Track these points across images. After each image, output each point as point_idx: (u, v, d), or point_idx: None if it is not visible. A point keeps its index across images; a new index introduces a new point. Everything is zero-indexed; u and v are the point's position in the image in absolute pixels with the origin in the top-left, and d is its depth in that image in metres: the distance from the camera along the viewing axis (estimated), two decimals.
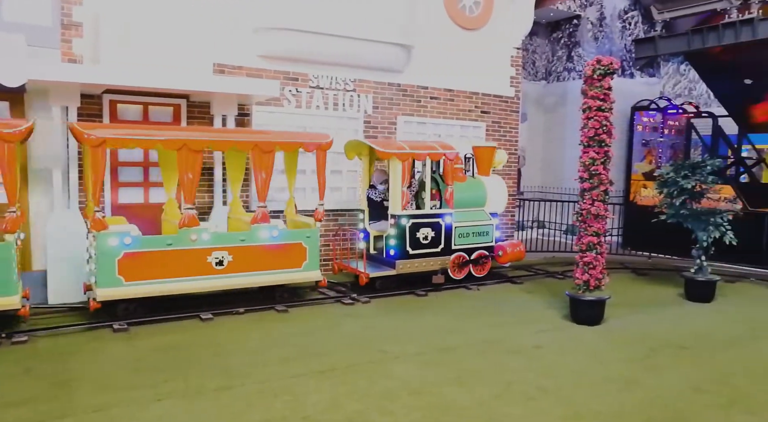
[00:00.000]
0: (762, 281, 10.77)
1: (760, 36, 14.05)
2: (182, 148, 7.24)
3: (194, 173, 7.34)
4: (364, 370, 5.85)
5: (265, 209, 7.99)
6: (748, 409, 5.13)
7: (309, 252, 8.29)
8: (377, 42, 10.02)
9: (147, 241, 7.30)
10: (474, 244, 9.82)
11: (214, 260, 7.67)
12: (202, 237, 7.56)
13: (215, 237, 7.72)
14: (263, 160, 7.80)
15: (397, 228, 9.02)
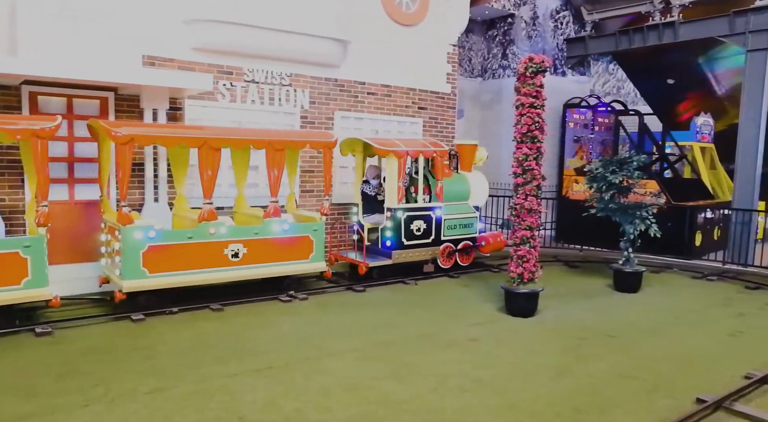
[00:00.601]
0: (684, 271, 11.32)
1: (681, 38, 14.73)
2: (203, 145, 7.64)
3: (213, 170, 7.75)
4: (302, 367, 5.79)
5: (276, 204, 8.41)
6: (670, 393, 5.37)
7: (315, 245, 8.80)
8: (313, 36, 9.91)
9: (169, 235, 7.67)
10: (460, 235, 10.50)
11: (230, 252, 8.07)
12: (219, 230, 7.94)
13: (232, 231, 8.09)
14: (275, 158, 8.28)
15: (393, 220, 9.64)
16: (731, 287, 10.12)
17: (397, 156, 9.48)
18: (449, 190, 10.35)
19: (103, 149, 8.01)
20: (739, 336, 7.25)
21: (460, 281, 9.94)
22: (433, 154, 9.98)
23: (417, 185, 10.11)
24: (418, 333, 6.99)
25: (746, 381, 5.60)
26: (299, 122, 10.36)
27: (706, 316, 8.16)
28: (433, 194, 10.18)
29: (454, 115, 12.63)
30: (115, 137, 7.10)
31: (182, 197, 8.77)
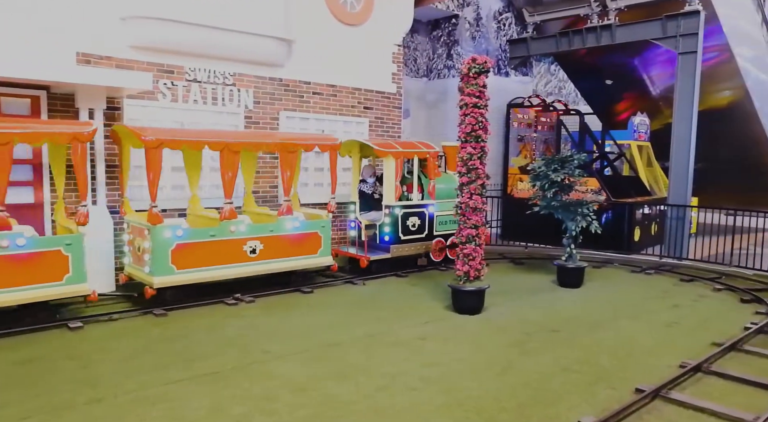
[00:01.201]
0: (624, 265, 11.69)
1: (617, 40, 15.24)
2: (224, 149, 8.09)
3: (233, 172, 8.23)
4: (248, 371, 5.70)
5: (289, 203, 8.94)
6: (610, 385, 5.53)
7: (323, 240, 9.40)
8: (257, 35, 9.77)
9: (194, 233, 8.10)
10: (450, 231, 10.91)
11: (249, 249, 8.55)
12: (239, 228, 8.42)
13: (250, 228, 8.56)
14: (288, 160, 8.84)
15: (391, 217, 10.19)
16: (667, 280, 10.51)
17: (395, 157, 10.01)
18: (439, 188, 10.82)
19: (124, 152, 8.39)
20: (675, 327, 7.53)
21: (408, 280, 9.98)
22: (426, 155, 10.45)
23: (411, 184, 10.70)
24: (366, 333, 6.98)
25: (681, 370, 5.82)
26: (243, 122, 10.19)
27: (644, 309, 8.45)
28: (425, 192, 10.74)
29: (400, 114, 12.69)
30: (146, 141, 7.50)
31: (196, 197, 9.20)
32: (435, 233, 10.83)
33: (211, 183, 9.83)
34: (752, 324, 7.46)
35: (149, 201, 7.70)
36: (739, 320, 7.81)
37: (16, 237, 6.74)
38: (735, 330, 7.33)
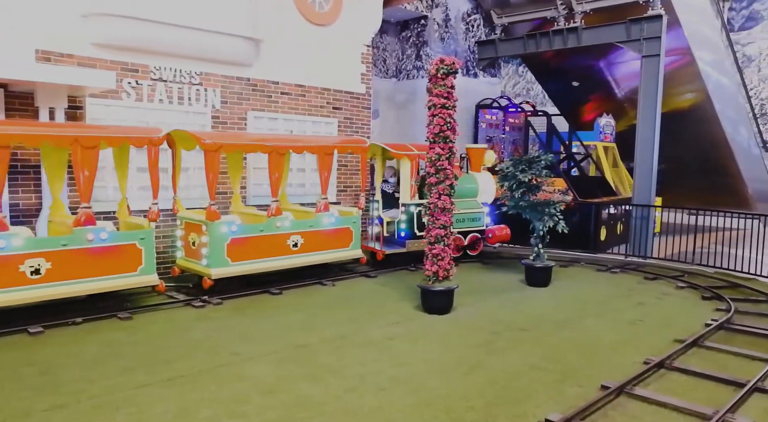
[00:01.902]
0: (590, 264, 11.87)
1: (583, 43, 15.47)
2: (272, 152, 8.84)
3: (280, 172, 9.16)
4: (216, 374, 5.62)
5: (326, 201, 9.76)
6: (577, 382, 5.61)
7: (354, 235, 10.20)
8: (223, 34, 9.66)
9: (246, 228, 8.83)
10: (468, 228, 11.67)
11: (292, 242, 9.35)
12: (284, 224, 9.21)
13: (293, 224, 9.33)
14: (325, 161, 9.60)
15: (406, 214, 10.94)
16: (632, 278, 10.71)
17: (410, 158, 10.76)
18: (459, 188, 10.80)
19: (177, 156, 8.79)
20: (639, 324, 7.68)
21: (378, 280, 9.98)
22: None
23: None
24: (336, 334, 6.95)
25: (645, 366, 5.93)
26: (210, 122, 10.06)
27: (610, 307, 8.59)
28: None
29: (369, 115, 12.68)
30: (206, 145, 8.16)
31: (238, 196, 9.95)
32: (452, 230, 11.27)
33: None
34: (713, 321, 7.65)
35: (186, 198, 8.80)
36: (700, 317, 8.00)
37: (100, 232, 7.46)
38: (696, 326, 7.50)
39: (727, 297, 8.96)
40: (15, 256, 6.80)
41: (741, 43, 27.07)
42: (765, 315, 8.21)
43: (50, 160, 7.86)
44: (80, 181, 7.19)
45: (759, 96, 27.12)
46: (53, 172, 7.94)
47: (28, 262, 6.89)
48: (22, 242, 6.87)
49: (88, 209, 7.33)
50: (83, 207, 7.29)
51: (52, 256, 7.07)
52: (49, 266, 7.04)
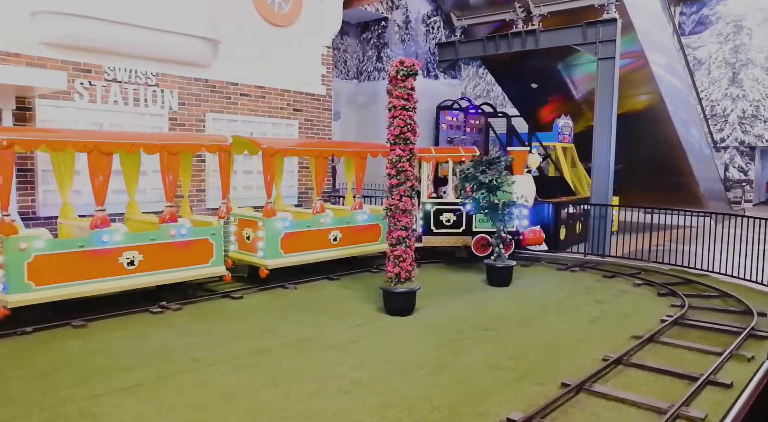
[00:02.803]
0: (550, 263, 12.05)
1: (541, 45, 15.73)
2: (318, 156, 9.91)
3: (324, 174, 10.17)
4: (175, 381, 5.50)
5: (361, 200, 10.73)
6: (538, 380, 5.67)
7: (383, 231, 10.88)
8: (180, 34, 9.49)
9: (296, 224, 9.72)
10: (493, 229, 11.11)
11: (332, 237, 10.19)
12: (327, 220, 10.05)
13: (334, 220, 10.17)
14: (360, 164, 10.54)
15: (423, 212, 11.51)
16: (591, 276, 10.91)
17: (426, 160, 11.55)
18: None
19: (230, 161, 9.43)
20: (598, 322, 7.82)
21: (340, 283, 9.93)
22: (461, 158, 11.83)
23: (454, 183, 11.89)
24: (298, 338, 6.88)
25: (603, 363, 6.04)
26: (168, 124, 9.87)
27: (570, 305, 8.73)
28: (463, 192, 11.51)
29: (330, 116, 12.63)
30: (264, 149, 9.09)
31: (280, 196, 10.84)
32: (474, 229, 11.58)
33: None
34: (668, 317, 7.84)
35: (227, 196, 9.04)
36: (656, 313, 8.19)
37: (181, 228, 8.28)
38: (653, 322, 7.67)
39: (681, 293, 9.20)
40: (115, 249, 7.65)
41: (692, 46, 27.95)
42: (716, 310, 8.46)
43: (62, 165, 8.10)
44: (165, 184, 8.16)
45: (709, 98, 28.03)
46: (63, 176, 8.19)
47: (126, 254, 7.75)
48: (122, 237, 7.75)
49: (171, 208, 8.24)
50: (167, 205, 8.22)
51: (143, 249, 7.93)
52: (141, 258, 7.91)
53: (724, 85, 27.86)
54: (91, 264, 7.42)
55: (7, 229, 6.73)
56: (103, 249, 7.53)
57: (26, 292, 6.90)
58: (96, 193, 7.49)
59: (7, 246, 6.78)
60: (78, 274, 7.31)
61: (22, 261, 6.86)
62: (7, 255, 6.79)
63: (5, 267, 6.82)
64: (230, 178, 9.41)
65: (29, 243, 6.93)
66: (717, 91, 28.13)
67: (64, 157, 7.96)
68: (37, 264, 6.95)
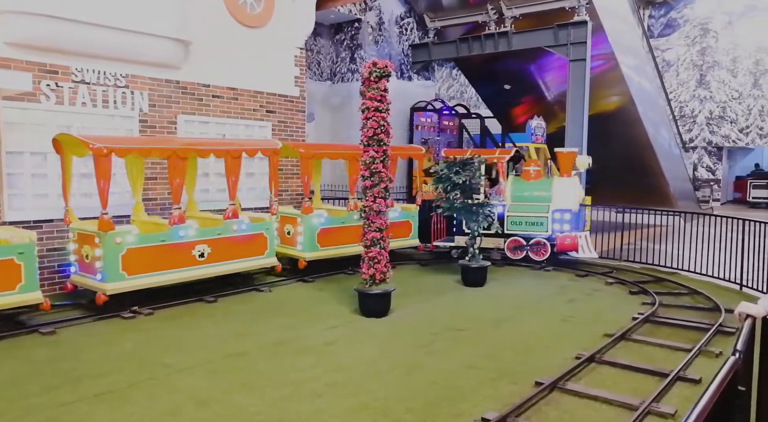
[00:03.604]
0: (523, 264, 12.11)
1: (514, 47, 15.86)
2: (351, 159, 10.63)
3: (356, 175, 10.16)
4: (147, 387, 5.42)
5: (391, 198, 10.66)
6: (513, 380, 5.70)
7: (413, 227, 12.12)
8: (149, 35, 9.34)
9: (331, 220, 10.66)
10: (529, 232, 11.67)
11: None
12: (355, 217, 10.25)
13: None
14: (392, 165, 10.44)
15: None
16: (564, 276, 11.02)
17: None
18: (528, 191, 11.98)
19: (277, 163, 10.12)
20: (571, 321, 7.90)
21: (315, 285, 9.89)
22: (493, 160, 12.22)
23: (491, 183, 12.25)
24: (273, 341, 6.83)
25: (576, 361, 6.10)
26: (138, 126, 9.72)
27: (543, 304, 8.81)
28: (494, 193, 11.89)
29: (304, 118, 12.56)
30: (302, 154, 10.23)
31: (318, 196, 11.68)
32: (506, 231, 11.75)
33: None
34: (639, 315, 7.96)
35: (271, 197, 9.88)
36: (628, 311, 8.31)
37: (242, 223, 9.28)
38: (624, 320, 7.78)
39: (652, 291, 9.34)
40: (189, 243, 8.62)
41: (660, 48, 28.44)
42: (686, 307, 8.61)
43: (134, 170, 8.85)
44: (229, 184, 9.14)
45: (678, 99, 28.54)
46: (135, 180, 8.92)
47: (197, 247, 8.72)
48: (194, 232, 8.71)
49: (233, 205, 9.21)
50: (230, 204, 9.17)
51: (211, 243, 8.89)
52: (210, 250, 8.84)
53: (692, 86, 28.39)
54: (170, 256, 8.41)
55: (106, 226, 7.64)
56: (180, 243, 8.53)
57: (121, 281, 7.88)
58: (173, 193, 8.42)
59: (104, 240, 7.73)
60: (160, 265, 8.30)
61: (117, 254, 7.82)
62: (104, 248, 7.74)
63: (103, 260, 7.75)
64: (278, 180, 10.23)
65: (123, 238, 7.90)
66: (685, 93, 28.65)
67: (136, 162, 8.71)
68: (129, 256, 7.92)
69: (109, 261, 7.75)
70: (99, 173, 7.62)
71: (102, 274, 7.80)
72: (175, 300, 8.44)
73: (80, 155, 8.17)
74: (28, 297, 7.10)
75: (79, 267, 8.27)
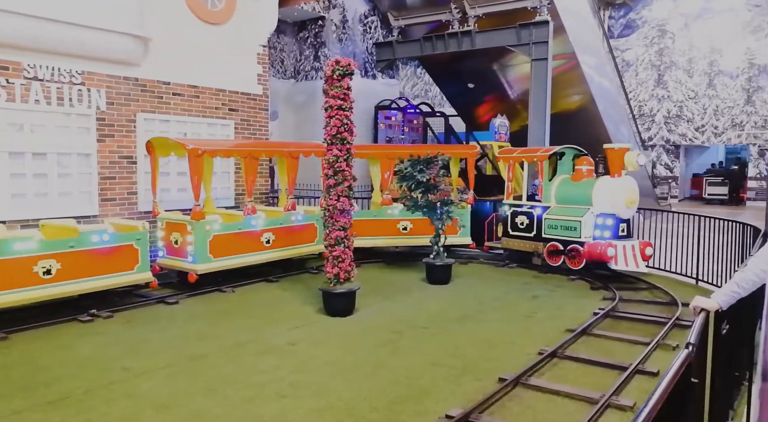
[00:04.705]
0: (488, 261, 12.23)
1: (477, 46, 15.97)
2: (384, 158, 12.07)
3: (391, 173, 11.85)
4: (105, 393, 5.28)
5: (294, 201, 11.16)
6: (476, 376, 5.74)
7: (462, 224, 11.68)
8: (106, 31, 9.09)
9: (363, 213, 11.85)
10: (564, 237, 10.63)
11: (401, 227, 11.79)
12: (394, 211, 11.71)
13: (400, 212, 11.51)
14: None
15: (503, 213, 11.95)
16: (528, 273, 11.12)
17: (505, 161, 12.12)
18: (569, 193, 10.89)
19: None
20: (534, 317, 7.99)
21: (279, 285, 9.79)
22: (533, 159, 11.51)
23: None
24: (235, 342, 6.73)
25: (539, 357, 6.17)
26: (95, 125, 9.45)
27: (507, 301, 8.89)
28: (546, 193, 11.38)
29: (267, 116, 12.42)
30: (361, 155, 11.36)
31: (378, 193, 12.57)
32: (543, 235, 10.94)
33: None
34: (600, 310, 8.10)
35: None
36: (589, 306, 8.45)
37: (298, 215, 10.65)
38: (586, 315, 7.90)
39: (613, 286, 9.52)
40: (258, 232, 9.89)
41: (620, 49, 29.03)
42: (645, 302, 8.80)
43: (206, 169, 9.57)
44: (289, 180, 10.59)
45: (637, 98, 29.18)
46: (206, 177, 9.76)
47: (264, 235, 9.94)
48: (263, 221, 9.96)
49: (293, 200, 10.59)
50: (290, 198, 10.56)
51: (276, 231, 10.16)
52: (274, 238, 10.09)
53: (651, 86, 29.07)
54: (244, 242, 9.63)
55: (198, 215, 9.05)
56: (252, 230, 9.77)
57: (209, 263, 9.16)
58: (248, 188, 9.77)
59: (196, 228, 9.05)
60: (237, 249, 9.52)
61: (206, 240, 9.10)
62: (196, 235, 9.04)
63: (195, 244, 9.04)
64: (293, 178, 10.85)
65: (211, 225, 9.23)
66: (644, 92, 29.32)
67: (208, 161, 9.67)
68: (215, 241, 9.21)
69: (200, 245, 9.05)
70: (193, 170, 9.08)
71: (193, 257, 9.08)
72: (134, 303, 8.26)
73: (166, 155, 9.83)
74: (142, 276, 8.52)
75: (167, 251, 9.51)
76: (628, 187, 10.34)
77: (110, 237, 8.10)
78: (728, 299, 3.57)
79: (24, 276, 7.17)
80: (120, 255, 8.17)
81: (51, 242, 7.56)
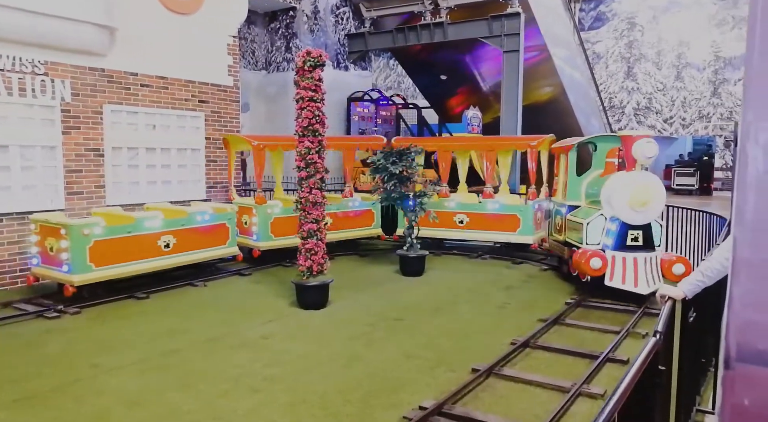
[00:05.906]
0: (462, 252, 12.29)
1: (449, 38, 15.99)
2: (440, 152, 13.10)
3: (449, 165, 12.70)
4: (73, 390, 5.17)
5: (489, 189, 11.96)
6: (450, 367, 5.76)
7: (523, 222, 11.40)
8: (70, 20, 8.87)
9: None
10: (574, 242, 9.04)
11: (458, 220, 11.84)
12: (450, 205, 11.87)
13: (458, 205, 11.87)
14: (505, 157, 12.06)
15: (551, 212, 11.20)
16: (501, 264, 11.21)
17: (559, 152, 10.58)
18: (593, 191, 9.13)
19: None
20: (506, 308, 8.06)
21: (252, 278, 9.71)
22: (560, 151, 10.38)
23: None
24: (208, 337, 6.65)
25: (512, 347, 6.22)
26: (60, 116, 9.23)
27: (480, 292, 8.94)
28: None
29: (238, 108, 12.26)
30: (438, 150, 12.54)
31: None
32: (565, 239, 9.55)
33: None
34: (572, 299, 8.20)
35: None
36: (561, 296, 8.55)
37: (355, 201, 11.90)
38: (558, 305, 7.99)
39: None
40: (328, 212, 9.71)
41: (591, 41, 29.35)
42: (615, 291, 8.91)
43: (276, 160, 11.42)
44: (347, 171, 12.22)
45: (607, 90, 29.57)
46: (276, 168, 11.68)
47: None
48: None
49: (349, 187, 12.14)
50: (347, 186, 12.26)
51: (332, 215, 10.92)
52: (331, 221, 10.68)
53: (621, 78, 29.47)
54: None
55: (261, 200, 10.50)
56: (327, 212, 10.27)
57: (269, 241, 10.54)
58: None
59: (259, 211, 10.43)
60: (291, 231, 9.74)
61: (268, 221, 10.48)
62: (259, 217, 10.41)
63: (258, 225, 10.40)
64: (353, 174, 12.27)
65: (272, 210, 10.56)
66: (614, 84, 29.72)
67: (278, 154, 11.37)
68: (275, 223, 10.53)
69: (262, 226, 10.41)
70: (256, 162, 10.62)
71: (257, 236, 10.46)
72: (103, 299, 8.11)
73: (239, 150, 11.62)
74: (231, 250, 10.03)
75: (239, 231, 10.41)
76: (637, 184, 8.01)
77: (210, 217, 9.59)
78: (693, 288, 3.63)
79: (151, 249, 8.66)
80: (216, 232, 9.70)
81: (170, 220, 9.03)
